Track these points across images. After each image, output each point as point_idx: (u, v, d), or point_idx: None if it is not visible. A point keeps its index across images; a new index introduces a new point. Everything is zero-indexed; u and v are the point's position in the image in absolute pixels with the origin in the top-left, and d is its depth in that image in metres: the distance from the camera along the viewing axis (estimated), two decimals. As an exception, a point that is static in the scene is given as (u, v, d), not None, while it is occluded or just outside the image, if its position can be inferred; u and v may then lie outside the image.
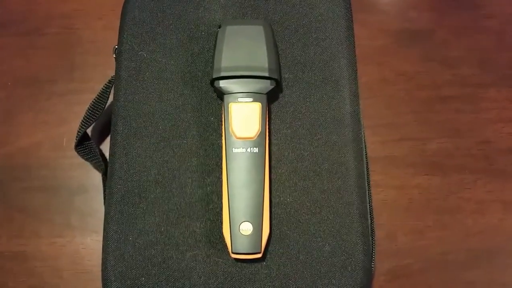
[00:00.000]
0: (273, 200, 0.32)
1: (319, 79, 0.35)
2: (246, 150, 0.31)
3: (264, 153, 0.31)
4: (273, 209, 0.32)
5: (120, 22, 0.38)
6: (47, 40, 0.46)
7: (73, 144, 0.38)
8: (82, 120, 0.38)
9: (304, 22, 0.36)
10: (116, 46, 0.37)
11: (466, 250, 0.38)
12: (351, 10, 0.37)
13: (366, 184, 0.35)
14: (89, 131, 0.42)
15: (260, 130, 0.31)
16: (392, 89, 0.42)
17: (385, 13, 0.45)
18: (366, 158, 0.37)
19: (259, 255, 0.30)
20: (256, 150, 0.31)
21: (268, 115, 0.33)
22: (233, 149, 0.31)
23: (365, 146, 0.38)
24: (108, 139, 0.40)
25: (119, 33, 0.37)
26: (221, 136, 0.33)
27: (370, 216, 0.35)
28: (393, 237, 0.38)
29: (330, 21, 0.36)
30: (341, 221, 0.32)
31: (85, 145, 0.39)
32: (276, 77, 0.33)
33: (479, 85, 0.42)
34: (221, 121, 0.34)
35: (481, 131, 0.41)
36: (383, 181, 0.39)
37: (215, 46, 0.33)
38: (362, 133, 0.37)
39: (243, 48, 0.33)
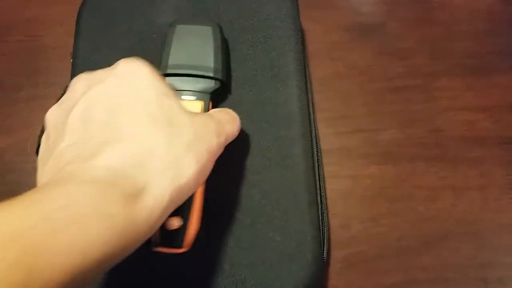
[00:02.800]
0: (224, 195, 0.34)
1: (267, 77, 0.36)
2: None
3: None
4: (224, 204, 0.33)
5: (75, 28, 0.39)
6: (10, 47, 0.47)
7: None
8: (43, 126, 0.39)
9: (252, 22, 0.38)
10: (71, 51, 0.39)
11: (419, 235, 0.39)
12: (298, 9, 0.38)
13: (317, 175, 0.36)
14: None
15: None
16: (345, 82, 0.43)
17: (338, 9, 0.46)
18: (318, 151, 0.38)
19: (183, 250, 0.29)
20: None
21: None
22: None
23: (317, 139, 0.39)
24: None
25: (74, 38, 0.39)
26: None
27: (322, 206, 0.36)
28: (348, 225, 0.40)
29: (278, 20, 0.37)
30: (289, 211, 0.33)
31: (46, 149, 0.40)
32: (220, 77, 0.33)
33: (431, 75, 0.44)
34: None
35: (433, 120, 0.42)
36: (338, 172, 0.41)
37: (164, 44, 0.34)
38: (313, 126, 0.38)
39: (190, 48, 0.33)
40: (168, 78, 0.33)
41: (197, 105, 0.32)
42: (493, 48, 0.45)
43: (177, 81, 0.33)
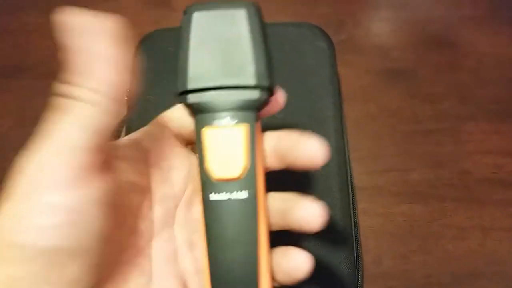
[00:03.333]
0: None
1: (305, 118, 0.39)
2: (230, 196, 0.22)
3: (255, 198, 0.22)
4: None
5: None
6: (65, 81, 0.51)
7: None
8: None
9: (292, 68, 0.41)
10: (127, 89, 0.42)
11: (448, 273, 0.41)
12: (335, 55, 0.41)
13: (352, 212, 0.38)
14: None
15: (248, 165, 0.22)
16: (377, 124, 0.46)
17: (370, 54, 0.49)
18: (352, 188, 0.40)
19: None
20: (244, 195, 0.22)
21: (262, 141, 0.23)
22: (211, 195, 0.21)
23: (351, 177, 0.41)
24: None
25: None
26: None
27: (356, 243, 0.38)
28: (380, 261, 0.41)
29: (316, 65, 0.40)
30: (326, 247, 0.35)
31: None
32: (267, 84, 0.22)
33: (458, 119, 0.46)
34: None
35: (461, 162, 0.44)
36: (370, 209, 0.43)
37: (178, 44, 0.23)
38: (348, 165, 0.40)
39: (218, 45, 0.22)
40: (191, 96, 0.22)
41: (240, 132, 0.22)
42: (519, 94, 0.47)
43: (204, 99, 0.22)
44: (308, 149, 0.22)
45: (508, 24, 0.50)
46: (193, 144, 0.24)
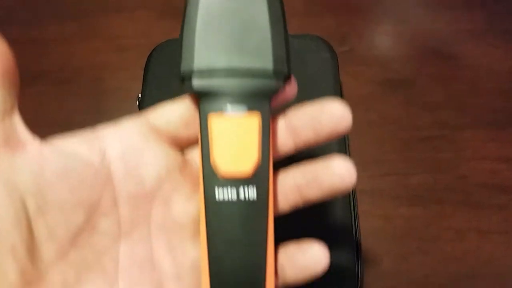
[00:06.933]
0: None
1: (311, 123, 0.41)
2: (238, 196, 0.19)
3: (266, 199, 0.20)
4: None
5: (143, 75, 0.45)
6: (79, 88, 0.53)
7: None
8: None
9: (297, 77, 0.42)
10: (140, 95, 0.44)
11: (446, 273, 0.42)
12: (338, 66, 0.44)
13: (353, 213, 0.40)
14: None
15: (259, 161, 0.19)
16: (378, 131, 0.48)
17: (371, 65, 0.51)
18: (353, 190, 0.42)
19: None
20: (253, 195, 0.19)
21: (273, 134, 0.21)
22: (216, 194, 0.19)
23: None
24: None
25: (143, 84, 0.44)
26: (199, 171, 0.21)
27: (357, 242, 0.40)
28: (380, 261, 0.43)
29: (320, 76, 0.43)
30: (328, 246, 0.37)
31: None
32: (285, 70, 0.20)
33: (456, 127, 0.48)
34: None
35: (458, 168, 0.46)
36: (370, 211, 0.45)
37: (183, 22, 0.20)
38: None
39: (229, 22, 0.19)
40: (197, 80, 0.19)
41: (252, 123, 0.19)
42: (514, 105, 0.49)
43: (213, 83, 0.19)
44: (334, 112, 0.20)
45: (503, 38, 0.52)
46: (177, 142, 0.22)
